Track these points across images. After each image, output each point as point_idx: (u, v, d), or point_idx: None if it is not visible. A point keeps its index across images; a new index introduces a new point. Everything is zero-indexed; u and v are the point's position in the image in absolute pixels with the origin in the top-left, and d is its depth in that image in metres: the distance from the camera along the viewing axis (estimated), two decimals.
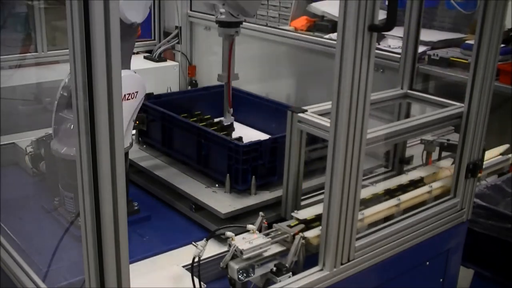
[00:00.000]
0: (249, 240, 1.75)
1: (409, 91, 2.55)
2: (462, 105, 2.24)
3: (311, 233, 1.91)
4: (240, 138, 2.62)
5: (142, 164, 2.62)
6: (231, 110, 2.78)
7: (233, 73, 2.72)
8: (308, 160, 2.29)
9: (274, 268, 1.77)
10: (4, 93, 3.10)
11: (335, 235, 1.79)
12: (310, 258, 1.88)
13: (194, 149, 2.49)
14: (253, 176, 2.33)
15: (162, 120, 2.66)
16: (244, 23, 2.70)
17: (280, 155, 2.27)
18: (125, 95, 2.04)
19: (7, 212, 2.23)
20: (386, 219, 2.13)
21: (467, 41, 3.70)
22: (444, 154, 2.53)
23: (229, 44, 2.66)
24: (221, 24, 2.62)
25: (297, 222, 1.96)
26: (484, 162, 2.38)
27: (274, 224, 1.92)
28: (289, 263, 1.79)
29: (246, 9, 2.49)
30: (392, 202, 2.19)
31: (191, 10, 4.08)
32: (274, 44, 3.50)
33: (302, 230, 1.88)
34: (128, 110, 2.09)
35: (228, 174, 2.33)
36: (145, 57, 4.13)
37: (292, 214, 2.03)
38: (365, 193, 2.16)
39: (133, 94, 2.09)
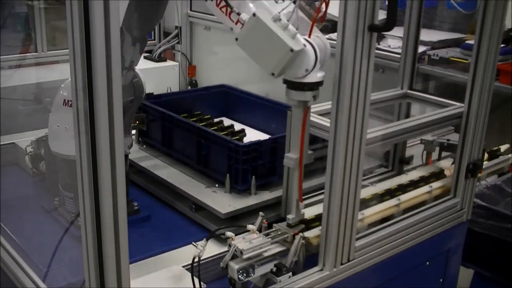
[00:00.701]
0: (249, 240, 1.75)
1: (409, 91, 2.55)
2: (462, 105, 2.24)
3: (311, 233, 1.91)
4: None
5: (142, 164, 2.62)
6: (303, 204, 1.92)
7: (306, 153, 1.84)
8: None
9: (274, 268, 1.77)
10: (4, 93, 3.10)
11: (335, 235, 1.79)
12: (310, 258, 1.88)
13: (194, 149, 2.49)
14: (253, 176, 2.33)
15: (162, 120, 2.66)
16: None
17: (280, 155, 2.27)
18: None
19: (7, 212, 2.23)
20: (386, 219, 2.13)
21: (467, 41, 3.70)
22: (444, 154, 2.53)
23: (304, 114, 1.77)
24: (292, 86, 1.75)
25: (297, 222, 1.95)
26: (484, 162, 2.38)
27: (274, 224, 1.92)
28: (289, 263, 1.79)
29: (259, 64, 1.73)
30: (392, 202, 2.19)
31: (191, 10, 4.07)
32: None
33: (302, 230, 1.88)
34: None
35: (228, 174, 2.33)
36: (145, 57, 4.13)
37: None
38: (365, 193, 2.16)
39: None
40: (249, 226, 1.83)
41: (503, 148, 2.75)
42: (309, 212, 2.02)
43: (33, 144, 2.51)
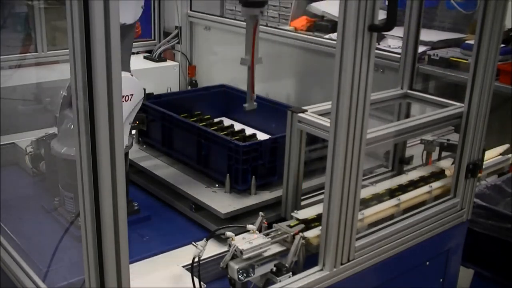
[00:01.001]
0: (249, 240, 1.75)
1: (409, 91, 2.55)
2: (462, 105, 2.24)
3: (311, 233, 1.91)
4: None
5: (142, 164, 2.62)
6: (254, 96, 2.67)
7: (257, 56, 2.57)
8: (308, 160, 2.29)
9: (274, 268, 1.77)
10: (4, 93, 3.10)
11: (335, 235, 1.79)
12: (310, 258, 1.88)
13: (194, 149, 2.49)
14: (253, 176, 2.33)
15: (162, 120, 2.66)
16: (244, 23, 2.69)
17: (280, 155, 2.27)
18: None
19: (7, 212, 2.23)
20: (386, 219, 2.13)
21: (467, 41, 3.70)
22: (444, 154, 2.53)
23: (253, 25, 2.50)
24: (245, 3, 2.48)
25: (297, 222, 1.96)
26: (484, 162, 2.38)
27: (274, 224, 1.92)
28: (289, 263, 1.79)
29: None
30: (392, 202, 2.19)
31: (191, 10, 4.07)
32: (274, 44, 3.50)
33: (302, 230, 1.88)
34: (123, 112, 2.07)
35: (228, 174, 2.33)
36: (145, 57, 4.12)
37: (292, 214, 2.03)
38: (365, 193, 2.16)
39: (127, 97, 2.07)
40: (249, 226, 1.83)
41: (502, 148, 2.75)
42: (309, 212, 2.02)
43: (33, 144, 2.51)
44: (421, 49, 3.45)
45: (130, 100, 2.09)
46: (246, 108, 2.63)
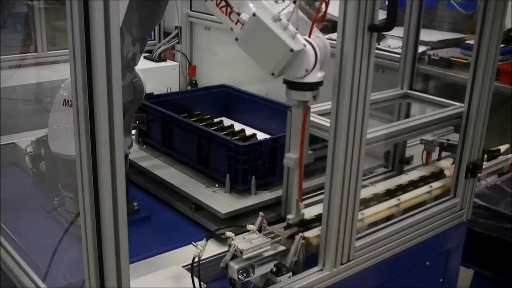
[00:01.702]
0: (249, 240, 1.75)
1: (409, 91, 2.55)
2: (462, 105, 2.24)
3: (311, 233, 1.91)
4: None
5: (142, 164, 2.62)
6: (303, 204, 1.91)
7: (306, 153, 1.84)
8: None
9: (274, 268, 1.77)
10: (4, 93, 3.10)
11: (335, 235, 1.79)
12: (310, 258, 1.88)
13: (194, 149, 2.49)
14: (253, 176, 2.33)
15: (162, 120, 2.66)
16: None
17: (280, 155, 2.27)
18: None
19: (7, 212, 2.23)
20: (386, 219, 2.13)
21: (467, 41, 3.70)
22: (444, 154, 2.53)
23: (303, 113, 1.76)
24: (292, 85, 1.74)
25: (297, 222, 1.95)
26: (484, 163, 2.38)
27: (267, 227, 1.89)
28: (289, 263, 1.79)
29: (258, 64, 1.72)
30: (392, 202, 2.19)
31: (191, 10, 4.07)
32: None
33: (298, 232, 1.86)
34: None
35: (228, 174, 2.33)
36: (145, 57, 4.12)
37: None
38: (365, 193, 2.16)
39: None
40: (249, 226, 1.83)
41: (502, 148, 2.75)
42: (309, 212, 2.01)
43: (33, 144, 2.51)
44: (421, 49, 3.44)
45: None
46: (290, 221, 1.89)
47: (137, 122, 2.57)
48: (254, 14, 1.66)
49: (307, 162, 1.85)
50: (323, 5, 1.68)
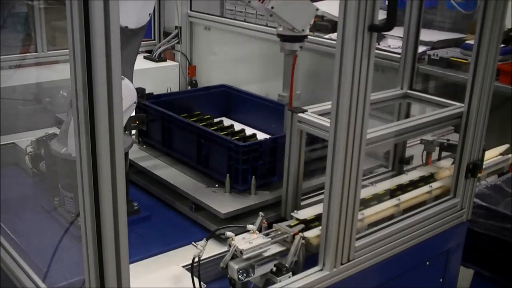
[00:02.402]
0: (249, 240, 1.75)
1: (409, 91, 2.55)
2: (462, 105, 2.24)
3: (311, 233, 1.91)
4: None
5: (142, 164, 2.62)
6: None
7: (296, 93, 2.43)
8: (308, 160, 2.29)
9: (274, 268, 1.77)
10: (4, 93, 3.10)
11: (335, 235, 1.79)
12: (310, 258, 1.88)
13: (194, 149, 2.48)
14: (253, 176, 2.33)
15: (162, 120, 2.66)
16: (243, 23, 2.68)
17: (280, 155, 2.27)
18: None
19: (7, 212, 2.23)
20: (386, 219, 2.13)
21: (467, 41, 3.70)
22: (444, 154, 2.53)
23: (292, 61, 2.38)
24: (283, 38, 2.35)
25: (297, 222, 1.96)
26: (484, 162, 2.38)
27: (274, 224, 1.92)
28: (289, 263, 1.79)
29: (294, 25, 2.28)
30: (392, 202, 2.19)
31: (191, 10, 4.07)
32: (274, 44, 3.50)
33: (302, 230, 1.88)
34: None
35: (228, 174, 2.33)
36: (145, 57, 4.12)
37: (292, 214, 2.03)
38: (365, 193, 2.16)
39: None
40: (249, 226, 1.83)
41: (502, 148, 2.75)
42: (309, 212, 2.02)
43: (33, 144, 2.51)
44: (421, 49, 3.44)
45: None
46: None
47: (137, 122, 2.57)
48: None
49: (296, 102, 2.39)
50: None
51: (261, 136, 2.79)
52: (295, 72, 2.44)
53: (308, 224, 1.96)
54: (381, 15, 1.62)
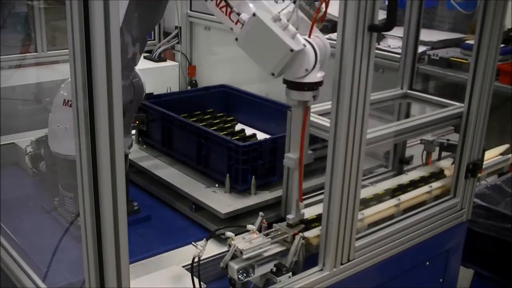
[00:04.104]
0: (249, 240, 1.75)
1: (409, 91, 2.55)
2: (462, 105, 2.24)
3: (311, 233, 1.91)
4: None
5: (142, 164, 2.62)
6: (303, 205, 1.91)
7: (306, 153, 1.85)
8: None
9: (274, 268, 1.77)
10: (4, 93, 3.10)
11: (335, 235, 1.79)
12: (310, 258, 1.88)
13: (194, 149, 2.49)
14: (253, 176, 2.33)
15: (162, 120, 2.66)
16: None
17: (280, 155, 2.27)
18: None
19: (7, 212, 2.23)
20: (386, 219, 2.13)
21: (467, 41, 3.70)
22: (444, 154, 2.53)
23: (303, 113, 1.77)
24: (291, 85, 1.75)
25: (297, 222, 1.95)
26: (484, 162, 2.38)
27: (274, 224, 1.92)
28: (289, 263, 1.79)
29: (259, 65, 1.74)
30: (392, 202, 2.19)
31: (191, 10, 4.07)
32: None
33: (302, 230, 1.88)
34: None
35: (228, 174, 2.33)
36: (145, 57, 4.13)
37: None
38: (365, 193, 2.16)
39: None
40: (249, 226, 1.83)
41: (502, 148, 2.75)
42: (309, 212, 2.01)
43: (33, 144, 2.51)
44: (421, 49, 3.44)
45: None
46: (290, 221, 1.89)
47: (137, 122, 2.57)
48: (254, 14, 1.66)
49: (307, 162, 1.86)
50: (323, 5, 1.68)
51: (261, 136, 2.79)
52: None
53: (308, 224, 1.96)
54: (381, 15, 1.62)
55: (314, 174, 2.35)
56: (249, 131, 2.86)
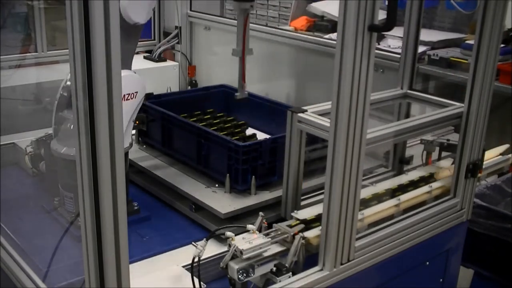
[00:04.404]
0: (249, 240, 1.75)
1: (409, 91, 2.55)
2: (462, 105, 2.24)
3: (311, 233, 1.91)
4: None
5: (142, 164, 2.62)
6: (245, 85, 2.78)
7: (248, 47, 2.70)
8: (308, 160, 2.29)
9: (274, 268, 1.77)
10: (4, 93, 3.10)
11: (335, 235, 1.79)
12: (310, 258, 1.88)
13: (194, 149, 2.49)
14: (253, 176, 2.33)
15: (162, 120, 2.66)
16: None
17: (280, 155, 2.27)
18: (124, 95, 2.04)
19: (7, 212, 2.23)
20: (386, 219, 2.13)
21: (467, 41, 3.70)
22: (444, 154, 2.53)
23: (244, 18, 2.61)
24: None
25: (297, 222, 1.96)
26: (484, 162, 2.38)
27: (274, 224, 1.92)
28: (289, 263, 1.79)
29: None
30: (392, 202, 2.19)
31: (191, 10, 4.07)
32: (274, 44, 3.50)
33: (302, 230, 1.88)
34: (128, 110, 2.09)
35: (228, 174, 2.33)
36: (145, 57, 4.13)
37: (292, 214, 2.03)
38: (365, 193, 2.16)
39: (132, 94, 2.09)
40: (249, 226, 1.83)
41: (502, 148, 2.75)
42: (309, 212, 2.02)
43: (33, 144, 2.51)
44: (421, 49, 3.45)
45: (135, 97, 2.11)
46: (237, 97, 2.73)
47: (137, 122, 2.57)
48: None
49: (248, 54, 2.67)
50: None
51: (261, 136, 2.79)
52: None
53: (308, 224, 1.96)
54: (381, 15, 1.62)
55: (314, 174, 2.35)
56: (249, 131, 2.86)
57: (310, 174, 2.32)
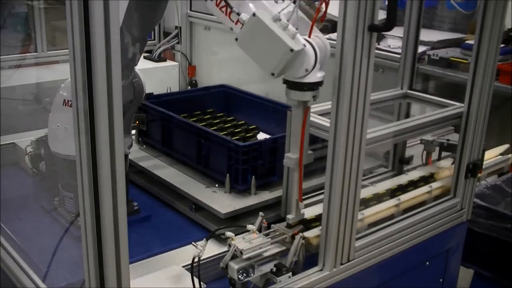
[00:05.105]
0: (249, 240, 1.75)
1: (409, 91, 2.55)
2: (462, 105, 2.24)
3: (311, 233, 1.91)
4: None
5: (142, 164, 2.62)
6: (303, 204, 1.92)
7: (306, 153, 1.85)
8: None
9: (274, 268, 1.77)
10: (4, 93, 3.10)
11: (335, 235, 1.79)
12: (310, 258, 1.88)
13: (194, 149, 2.49)
14: (253, 176, 2.33)
15: (162, 120, 2.66)
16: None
17: (280, 155, 2.27)
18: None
19: (7, 212, 2.23)
20: (386, 219, 2.13)
21: (467, 41, 3.70)
22: (444, 154, 2.53)
23: (303, 114, 1.78)
24: (292, 85, 1.75)
25: (296, 222, 1.95)
26: (484, 162, 2.38)
27: (273, 225, 1.91)
28: (289, 263, 1.79)
29: (259, 64, 1.72)
30: (392, 202, 2.19)
31: (191, 10, 4.07)
32: None
33: (301, 231, 1.88)
34: None
35: (228, 174, 2.33)
36: (145, 57, 4.13)
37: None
38: (365, 193, 2.16)
39: None
40: (249, 226, 1.83)
41: (502, 148, 2.75)
42: (309, 212, 2.01)
43: (33, 144, 2.51)
44: (421, 49, 3.44)
45: None
46: (290, 221, 1.89)
47: (137, 122, 2.57)
48: (254, 14, 1.66)
49: (307, 162, 1.86)
50: (323, 5, 1.68)
51: (261, 136, 2.79)
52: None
53: (308, 224, 1.96)
54: (381, 15, 1.62)
55: (314, 174, 2.35)
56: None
57: (310, 174, 2.32)
